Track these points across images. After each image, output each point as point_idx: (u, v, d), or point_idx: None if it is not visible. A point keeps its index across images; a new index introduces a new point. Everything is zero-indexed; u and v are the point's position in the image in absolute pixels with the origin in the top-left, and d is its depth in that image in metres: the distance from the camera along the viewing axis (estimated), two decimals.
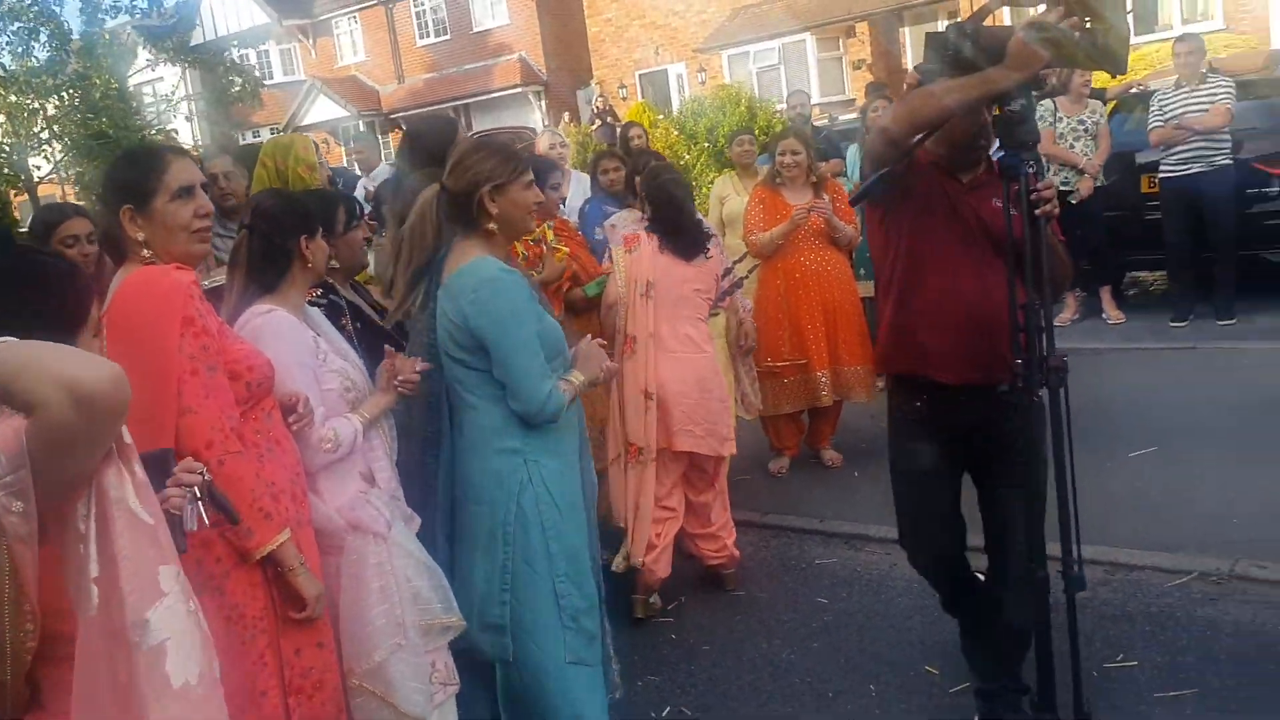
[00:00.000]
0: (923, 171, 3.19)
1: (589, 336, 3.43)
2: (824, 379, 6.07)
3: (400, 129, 22.59)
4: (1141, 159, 8.57)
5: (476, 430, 3.15)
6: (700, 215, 5.05)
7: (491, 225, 3.13)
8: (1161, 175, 8.17)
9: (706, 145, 16.92)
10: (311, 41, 35.18)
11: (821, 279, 6.12)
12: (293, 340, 2.85)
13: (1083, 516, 5.00)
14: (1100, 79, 14.26)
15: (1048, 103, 8.21)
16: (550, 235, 4.89)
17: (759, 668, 4.22)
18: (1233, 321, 8.10)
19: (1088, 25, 2.71)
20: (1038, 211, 2.88)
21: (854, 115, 13.12)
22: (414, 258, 3.18)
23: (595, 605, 3.29)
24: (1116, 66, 2.84)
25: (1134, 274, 9.99)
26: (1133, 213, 8.67)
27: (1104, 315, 8.72)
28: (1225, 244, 8.01)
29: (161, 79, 25.97)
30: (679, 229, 4.69)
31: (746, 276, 5.86)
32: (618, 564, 4.63)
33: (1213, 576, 4.37)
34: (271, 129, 30.79)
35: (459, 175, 3.13)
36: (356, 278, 3.77)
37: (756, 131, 16.50)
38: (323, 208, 3.29)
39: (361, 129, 32.27)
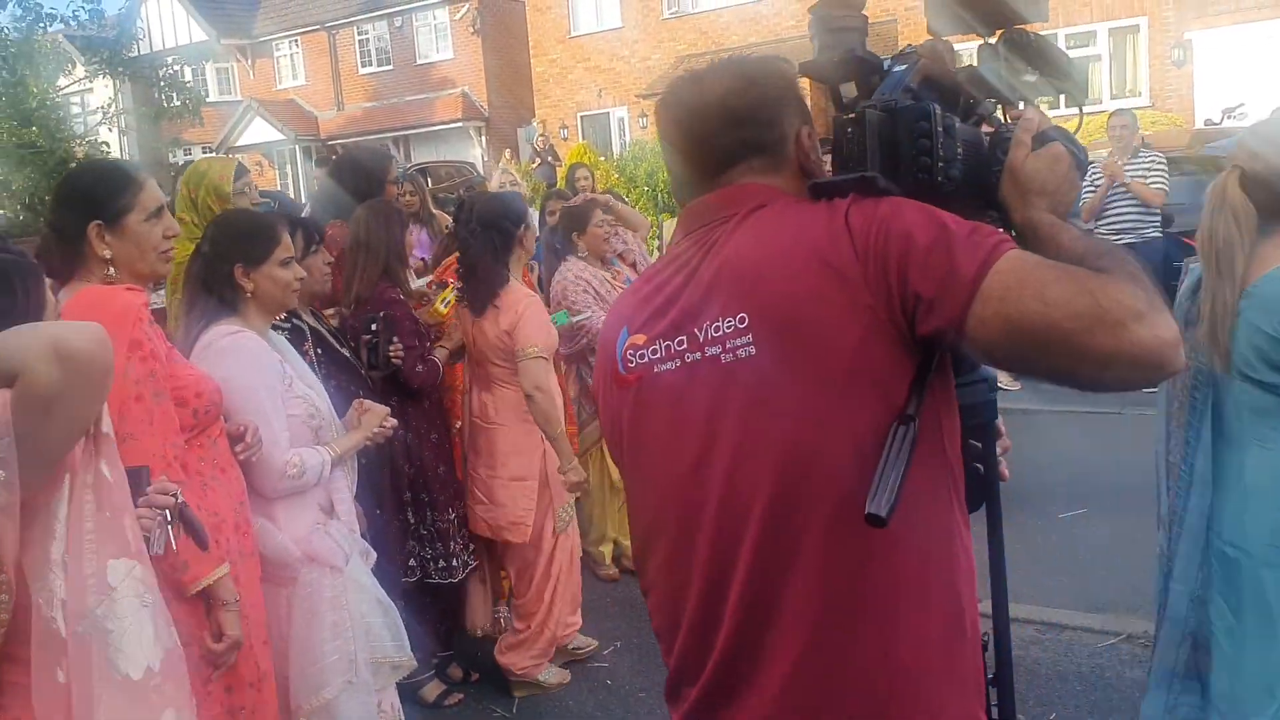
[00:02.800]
0: None
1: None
2: None
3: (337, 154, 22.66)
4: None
5: None
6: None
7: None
8: None
9: (646, 189, 17.08)
10: (250, 62, 34.87)
11: None
12: (261, 362, 2.81)
13: (1016, 575, 5.14)
14: None
15: None
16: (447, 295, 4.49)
17: None
18: (1156, 389, 8.31)
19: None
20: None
21: None
22: None
23: None
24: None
25: None
26: None
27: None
28: None
29: (91, 90, 25.49)
30: (472, 273, 4.24)
31: None
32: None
33: (1141, 639, 4.45)
34: (205, 148, 30.39)
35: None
36: None
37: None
38: (264, 236, 2.99)
39: (298, 153, 32.02)
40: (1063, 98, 1.75)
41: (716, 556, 1.54)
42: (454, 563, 4.16)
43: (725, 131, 1.62)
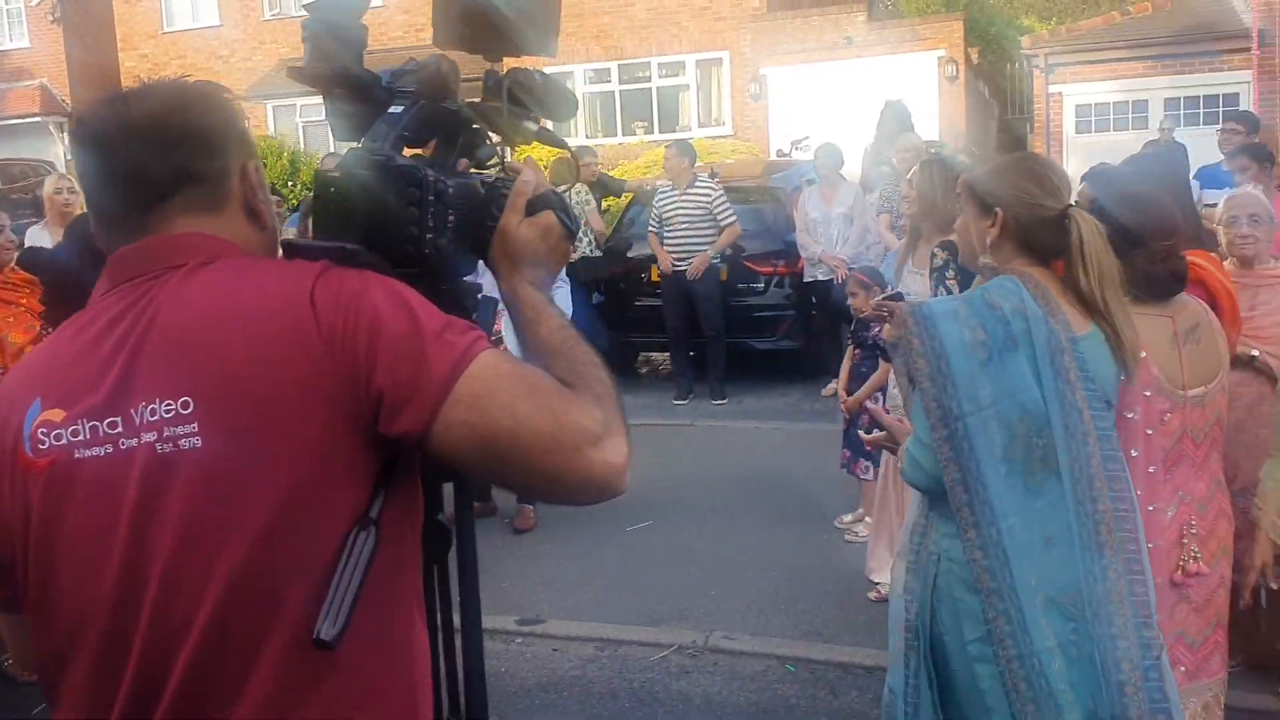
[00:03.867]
0: None
1: None
2: None
3: None
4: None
5: None
6: None
7: None
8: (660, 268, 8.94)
9: None
10: None
11: None
12: None
13: (584, 592, 5.31)
14: (628, 171, 15.32)
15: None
16: None
17: None
18: (724, 401, 8.94)
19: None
20: None
21: None
22: None
23: None
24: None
25: (648, 354, 10.76)
26: (646, 298, 9.40)
27: None
28: (714, 332, 8.88)
29: None
30: (62, 292, 3.98)
31: None
32: None
33: (689, 649, 4.71)
34: None
35: None
36: None
37: (299, 187, 16.16)
38: None
39: None
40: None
41: (143, 683, 1.31)
42: None
43: (158, 157, 1.39)
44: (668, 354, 10.08)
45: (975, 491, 2.30)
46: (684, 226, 8.72)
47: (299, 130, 23.31)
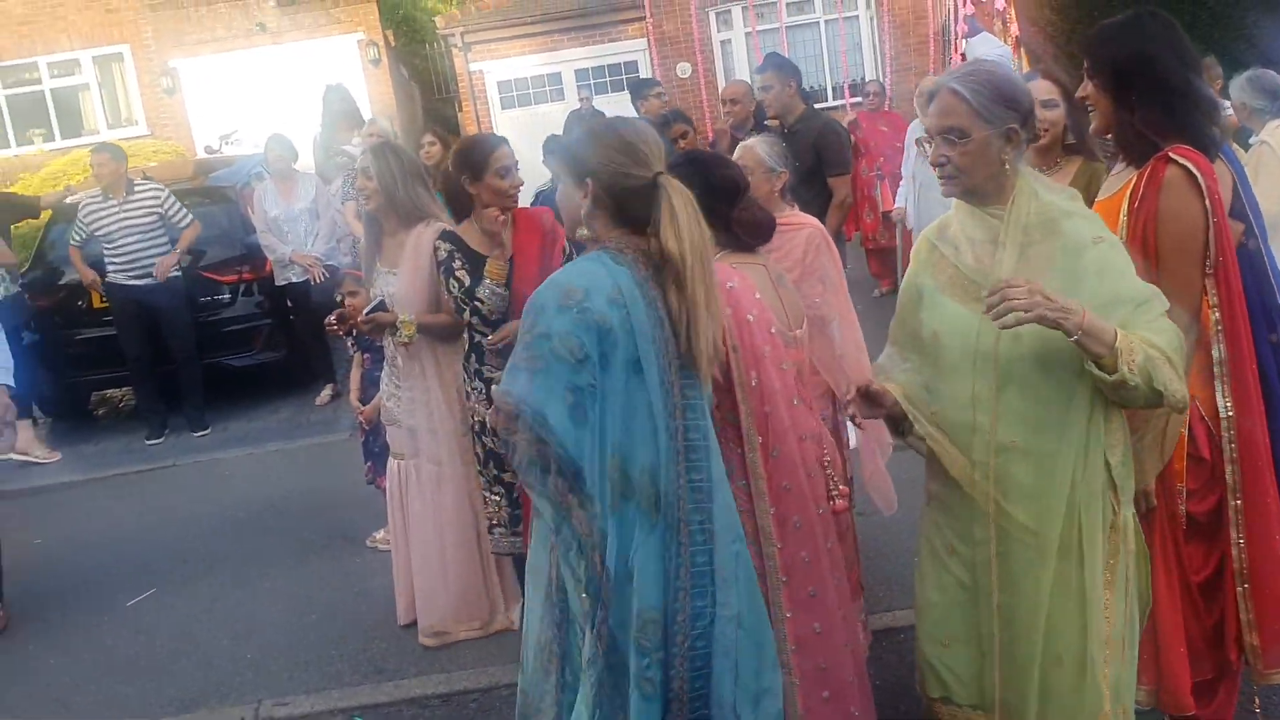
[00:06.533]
0: None
1: None
2: None
3: None
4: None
5: None
6: None
7: None
8: (108, 285, 7.79)
9: None
10: None
11: None
12: None
13: (91, 693, 4.41)
14: (31, 185, 13.41)
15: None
16: None
17: None
18: (207, 431, 8.04)
19: None
20: None
21: None
22: None
23: None
24: None
25: (103, 392, 9.41)
26: (92, 327, 8.16)
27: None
28: (186, 354, 7.94)
29: None
30: None
31: None
32: None
33: None
34: None
35: None
36: None
37: None
38: None
39: None
40: None
41: None
42: None
43: None
44: (128, 389, 8.88)
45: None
46: (135, 239, 7.62)
47: None
